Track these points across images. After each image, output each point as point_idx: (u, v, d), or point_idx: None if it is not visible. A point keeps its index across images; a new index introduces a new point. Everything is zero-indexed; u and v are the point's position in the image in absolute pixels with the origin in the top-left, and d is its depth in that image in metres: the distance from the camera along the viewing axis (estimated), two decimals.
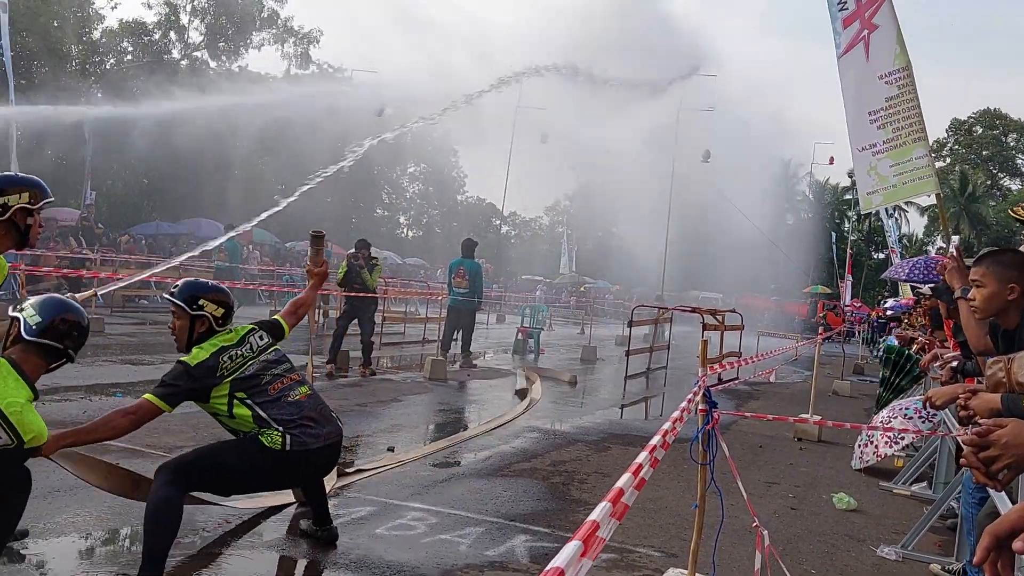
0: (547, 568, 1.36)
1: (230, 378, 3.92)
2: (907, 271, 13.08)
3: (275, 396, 3.98)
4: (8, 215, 3.48)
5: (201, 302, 4.08)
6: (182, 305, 4.06)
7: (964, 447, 1.80)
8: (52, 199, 3.70)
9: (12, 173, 3.79)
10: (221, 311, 4.12)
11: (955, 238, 5.20)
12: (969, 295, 3.50)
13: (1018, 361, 2.62)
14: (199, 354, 3.94)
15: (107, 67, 32.88)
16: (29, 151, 22.41)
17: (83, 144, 28.24)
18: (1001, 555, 1.18)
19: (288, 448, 3.85)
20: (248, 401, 3.92)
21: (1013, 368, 2.61)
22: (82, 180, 27.94)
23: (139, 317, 17.22)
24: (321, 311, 16.68)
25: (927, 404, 3.88)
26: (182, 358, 3.98)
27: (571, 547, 1.45)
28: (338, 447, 4.16)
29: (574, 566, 1.40)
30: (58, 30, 29.57)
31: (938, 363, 5.31)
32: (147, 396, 3.88)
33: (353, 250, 11.92)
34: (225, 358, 3.95)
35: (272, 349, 4.20)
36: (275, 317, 4.61)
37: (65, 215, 25.25)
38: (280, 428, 3.87)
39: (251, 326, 4.28)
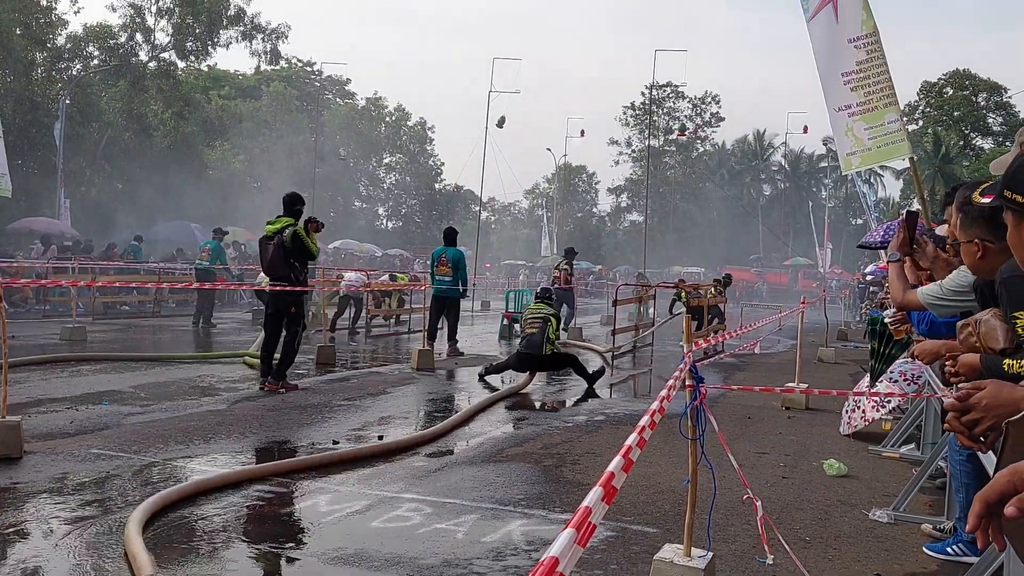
0: (542, 558, 1.37)
1: None
2: (882, 234, 13.15)
3: None
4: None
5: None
6: None
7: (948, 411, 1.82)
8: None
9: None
10: None
11: (911, 208, 5.24)
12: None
13: (984, 325, 2.66)
14: None
15: (73, 72, 32.45)
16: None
17: (54, 151, 27.97)
18: (992, 521, 1.19)
19: None
20: None
21: (981, 331, 2.66)
22: (55, 187, 27.69)
23: (121, 323, 17.11)
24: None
25: (914, 358, 3.92)
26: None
27: (565, 536, 1.46)
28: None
29: (569, 554, 1.41)
30: (21, 37, 29.16)
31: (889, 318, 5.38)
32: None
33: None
34: None
35: None
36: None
37: (40, 224, 25.03)
38: None
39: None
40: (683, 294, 17.37)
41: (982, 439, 1.74)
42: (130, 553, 3.85)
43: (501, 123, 40.30)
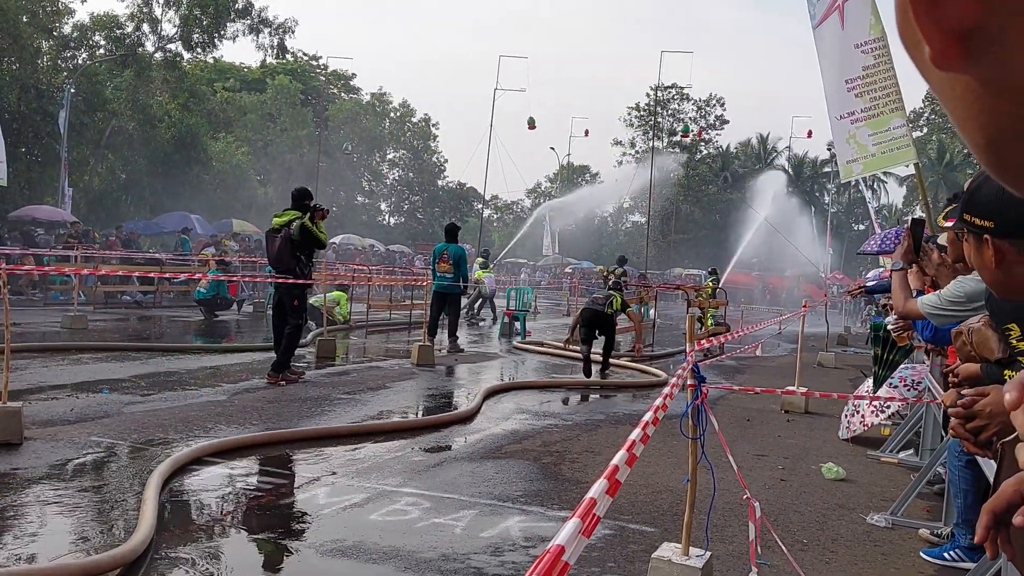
0: (548, 546, 1.38)
1: None
2: (879, 242, 13.13)
3: None
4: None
5: None
6: None
7: (952, 419, 1.82)
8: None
9: None
10: None
11: (914, 215, 5.24)
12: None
13: (976, 334, 2.68)
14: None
15: (79, 62, 32.43)
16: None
17: (58, 139, 27.96)
18: (1000, 531, 1.20)
19: None
20: None
21: (974, 340, 2.68)
22: (58, 176, 27.68)
23: (122, 312, 17.12)
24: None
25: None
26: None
27: (571, 525, 1.46)
28: None
29: (574, 543, 1.42)
30: (27, 25, 29.13)
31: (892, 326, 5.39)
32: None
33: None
34: None
35: None
36: None
37: (43, 213, 25.01)
38: None
39: None
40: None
41: (988, 446, 1.75)
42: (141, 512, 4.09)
43: (532, 124, 40.84)
